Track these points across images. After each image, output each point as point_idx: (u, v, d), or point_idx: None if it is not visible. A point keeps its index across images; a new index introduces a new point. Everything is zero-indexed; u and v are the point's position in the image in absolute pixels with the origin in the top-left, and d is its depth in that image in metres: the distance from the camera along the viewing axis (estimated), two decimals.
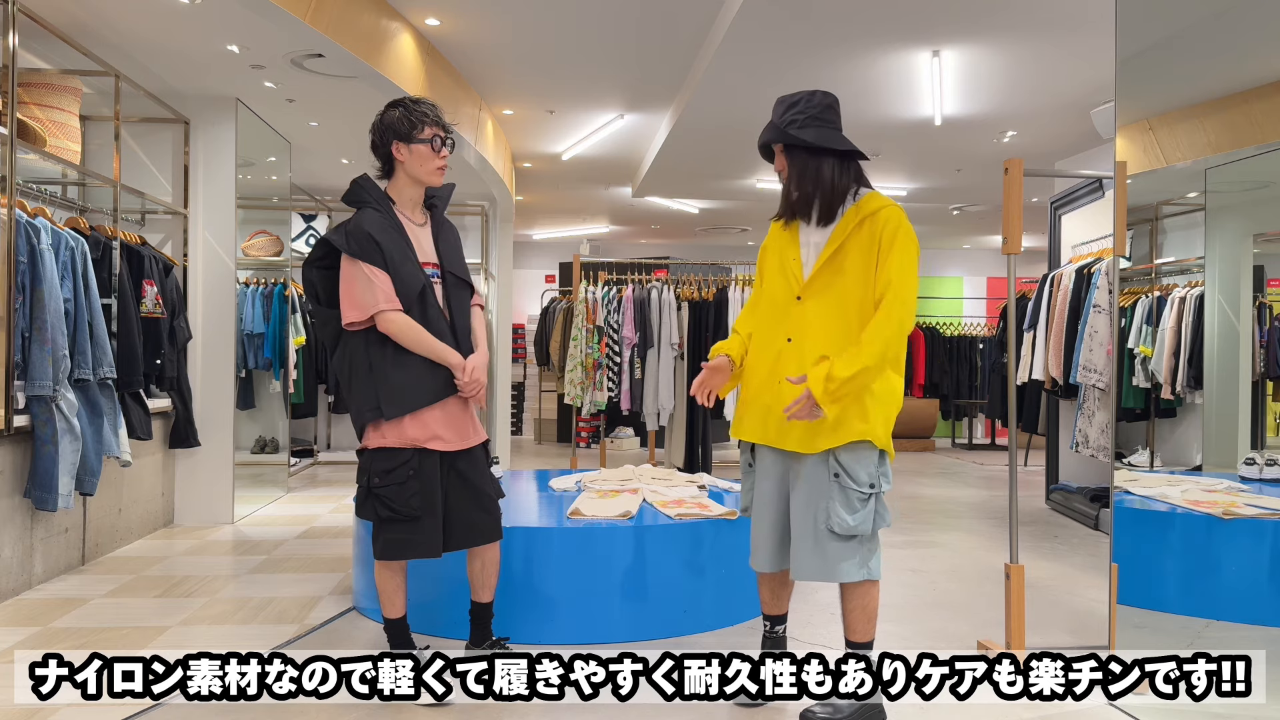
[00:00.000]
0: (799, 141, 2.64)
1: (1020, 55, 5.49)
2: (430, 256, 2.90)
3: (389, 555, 2.84)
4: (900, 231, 2.58)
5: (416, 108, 2.88)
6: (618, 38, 5.73)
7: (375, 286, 2.73)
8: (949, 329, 10.55)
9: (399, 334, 2.76)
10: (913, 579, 4.46)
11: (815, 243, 2.68)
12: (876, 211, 2.62)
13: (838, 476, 2.57)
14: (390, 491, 2.77)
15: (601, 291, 6.96)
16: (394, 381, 2.78)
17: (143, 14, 4.36)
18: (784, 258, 2.72)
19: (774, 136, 2.69)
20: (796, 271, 2.67)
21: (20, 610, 3.74)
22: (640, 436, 10.16)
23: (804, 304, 2.64)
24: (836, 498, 2.56)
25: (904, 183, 9.16)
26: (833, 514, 2.55)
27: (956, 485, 7.83)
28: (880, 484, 2.62)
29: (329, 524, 5.61)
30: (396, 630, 2.95)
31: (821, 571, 2.59)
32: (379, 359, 2.78)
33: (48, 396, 3.91)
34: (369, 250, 2.75)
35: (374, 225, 2.78)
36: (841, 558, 2.57)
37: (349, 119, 6.23)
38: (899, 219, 2.60)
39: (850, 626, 2.67)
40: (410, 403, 2.78)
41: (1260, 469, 4.02)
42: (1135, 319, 5.06)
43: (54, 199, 4.87)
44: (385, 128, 2.87)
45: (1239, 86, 3.66)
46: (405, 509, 2.78)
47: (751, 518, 2.80)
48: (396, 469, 2.77)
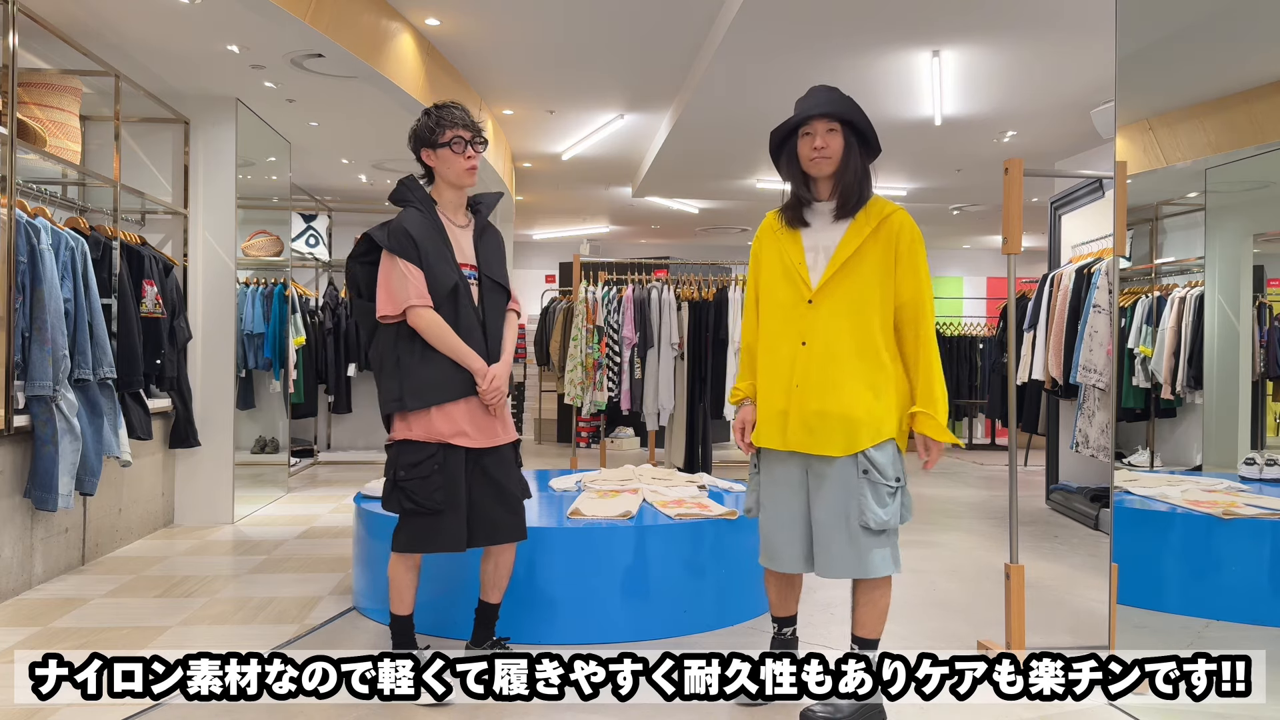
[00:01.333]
0: (867, 122, 2.65)
1: (1020, 55, 5.49)
2: (469, 258, 2.95)
3: (411, 547, 2.87)
4: (917, 240, 2.64)
5: (439, 112, 2.92)
6: (618, 38, 5.73)
7: (409, 282, 2.80)
8: (949, 329, 10.54)
9: (426, 330, 2.83)
10: (913, 579, 4.46)
11: (825, 246, 2.65)
12: (890, 215, 2.63)
13: (867, 473, 2.58)
14: (414, 485, 2.81)
15: (601, 291, 6.96)
16: (419, 375, 2.83)
17: (143, 14, 4.36)
18: (787, 261, 2.68)
19: (845, 110, 2.62)
20: (805, 275, 2.64)
21: (20, 610, 3.74)
22: (640, 436, 10.16)
23: (816, 307, 2.62)
24: (869, 493, 2.57)
25: (904, 183, 9.16)
26: (866, 510, 2.56)
27: (956, 485, 7.83)
28: (904, 477, 2.66)
29: (329, 524, 5.61)
30: (401, 628, 2.95)
31: (855, 568, 2.60)
32: (407, 353, 2.85)
33: (48, 396, 3.91)
34: (406, 247, 2.82)
35: (413, 224, 2.86)
36: (872, 553, 2.58)
37: (349, 119, 6.24)
38: (914, 226, 2.66)
39: (862, 622, 2.67)
40: (432, 397, 2.83)
41: (1260, 469, 4.02)
42: (1135, 319, 5.06)
43: (54, 199, 4.87)
44: (414, 136, 2.95)
45: (1239, 86, 3.66)
46: (428, 502, 2.81)
47: (765, 521, 2.76)
48: (421, 463, 2.81)
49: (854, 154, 2.64)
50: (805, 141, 2.65)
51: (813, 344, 2.61)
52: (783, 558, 2.71)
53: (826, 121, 2.62)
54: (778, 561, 2.72)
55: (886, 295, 2.62)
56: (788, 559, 2.71)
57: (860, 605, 2.67)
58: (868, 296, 2.60)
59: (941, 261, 13.67)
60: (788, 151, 2.72)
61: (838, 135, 2.63)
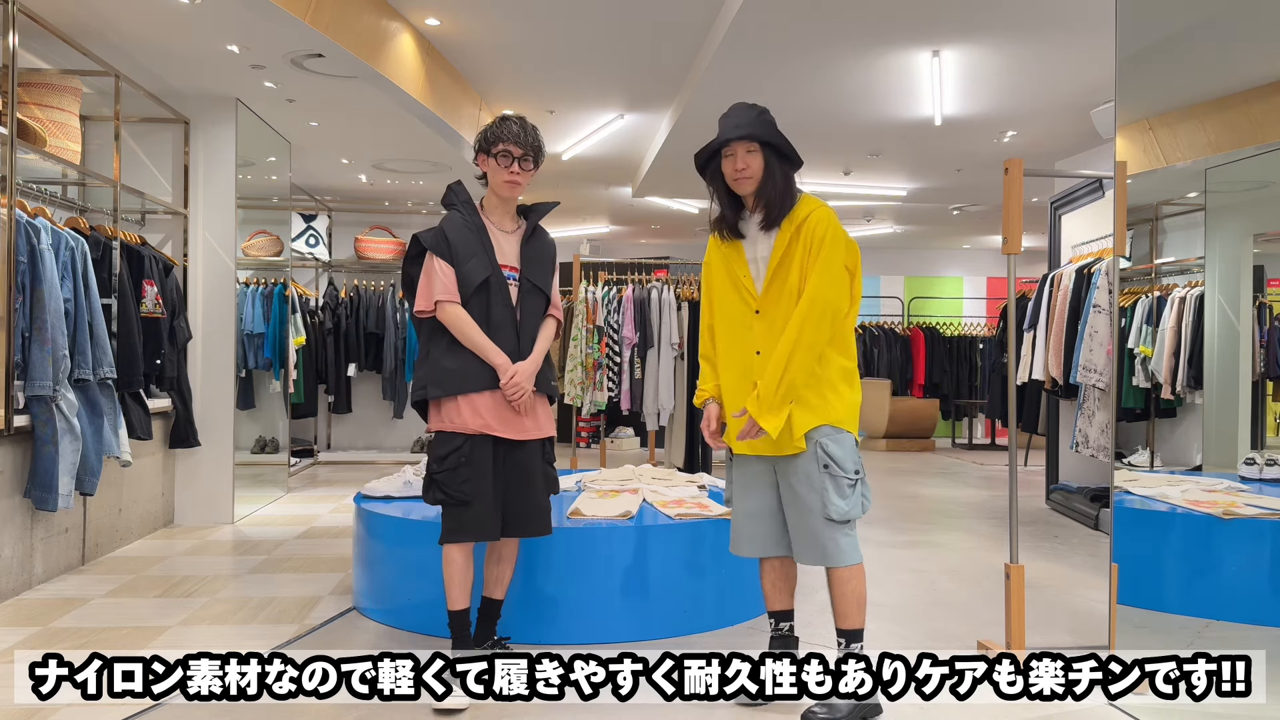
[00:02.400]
0: (784, 141, 2.74)
1: (1020, 55, 5.48)
2: (511, 260, 3.07)
3: (447, 538, 2.97)
4: (830, 236, 2.67)
5: (500, 125, 3.05)
6: (618, 38, 5.73)
7: (438, 279, 2.96)
8: (949, 329, 10.55)
9: (451, 324, 2.96)
10: (913, 579, 4.46)
11: (762, 256, 2.78)
12: (807, 216, 2.71)
13: (827, 467, 2.69)
14: (445, 477, 2.93)
15: (601, 291, 6.96)
16: (443, 365, 2.97)
17: (143, 14, 4.36)
18: (733, 274, 2.83)
19: (761, 132, 2.72)
20: (750, 286, 2.79)
21: (20, 610, 3.74)
22: (640, 436, 10.17)
23: (762, 317, 2.76)
24: (830, 487, 2.68)
25: (904, 183, 9.15)
26: (829, 503, 2.68)
27: (956, 485, 7.83)
28: (862, 470, 2.76)
29: (329, 524, 5.61)
30: (455, 623, 3.00)
31: (821, 557, 2.71)
32: (435, 345, 3.01)
33: (48, 396, 3.91)
34: (440, 246, 2.98)
35: (451, 224, 3.02)
36: (835, 543, 2.69)
37: (349, 119, 6.24)
38: (828, 221, 2.70)
39: (843, 613, 2.76)
40: (453, 386, 2.95)
41: (1260, 469, 4.02)
42: (1135, 319, 5.06)
43: (54, 199, 4.87)
44: (478, 140, 3.09)
45: (1239, 86, 3.66)
46: (458, 494, 2.92)
47: (735, 512, 2.90)
48: (449, 456, 2.93)
49: (774, 171, 2.74)
50: (728, 162, 2.77)
51: (766, 353, 2.72)
52: (744, 545, 2.87)
53: (745, 143, 2.73)
54: (740, 547, 2.88)
55: None
56: (749, 546, 2.86)
57: (836, 597, 2.76)
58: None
59: (941, 261, 13.66)
60: (712, 170, 2.84)
61: (757, 155, 2.73)
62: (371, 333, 8.58)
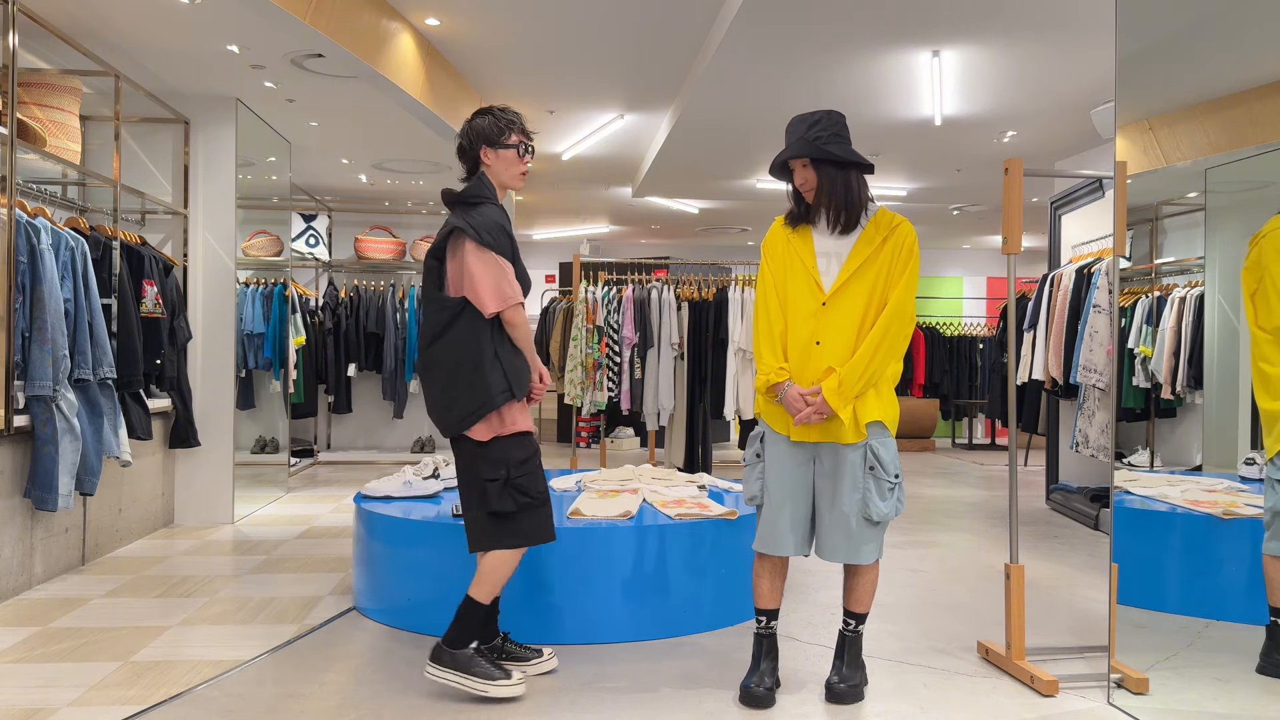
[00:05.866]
0: (832, 156, 2.79)
1: (1020, 55, 5.49)
2: None
3: (532, 539, 2.90)
4: (916, 252, 2.84)
5: (504, 115, 3.00)
6: (618, 38, 5.73)
7: (508, 276, 2.86)
8: (949, 329, 10.54)
9: (519, 324, 2.89)
10: (913, 579, 4.46)
11: (836, 252, 2.83)
12: (898, 227, 2.84)
13: (873, 469, 2.77)
14: (526, 480, 2.88)
15: (601, 291, 6.96)
16: (515, 365, 2.90)
17: (143, 14, 4.36)
18: (802, 264, 2.86)
19: (807, 151, 2.81)
20: (818, 279, 2.83)
21: (20, 610, 3.74)
22: (640, 436, 10.17)
23: (829, 310, 2.80)
24: (873, 488, 2.77)
25: (904, 183, 9.15)
26: (870, 504, 2.77)
27: (956, 485, 7.83)
28: (900, 472, 2.84)
29: (329, 524, 5.61)
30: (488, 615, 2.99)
31: (849, 555, 2.81)
32: (502, 345, 2.89)
33: (48, 396, 3.91)
34: (502, 244, 2.87)
35: (503, 219, 2.92)
36: (867, 542, 2.80)
37: (349, 119, 6.24)
38: (914, 237, 2.85)
39: (858, 600, 2.91)
40: (523, 388, 2.91)
41: (1260, 469, 4.02)
42: (1135, 319, 5.05)
43: (54, 199, 4.87)
44: (474, 133, 2.98)
45: (1239, 86, 3.66)
46: (539, 494, 2.90)
47: (769, 507, 2.87)
48: (530, 458, 2.91)
49: (832, 181, 2.81)
50: (795, 174, 2.89)
51: (826, 343, 2.79)
52: (785, 542, 2.84)
53: (799, 160, 2.83)
54: (779, 546, 2.84)
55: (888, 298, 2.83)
56: (789, 543, 2.84)
57: (856, 586, 2.90)
58: (875, 300, 2.80)
59: (941, 261, 13.66)
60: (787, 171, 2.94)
61: (811, 170, 2.83)
62: (371, 333, 8.58)
